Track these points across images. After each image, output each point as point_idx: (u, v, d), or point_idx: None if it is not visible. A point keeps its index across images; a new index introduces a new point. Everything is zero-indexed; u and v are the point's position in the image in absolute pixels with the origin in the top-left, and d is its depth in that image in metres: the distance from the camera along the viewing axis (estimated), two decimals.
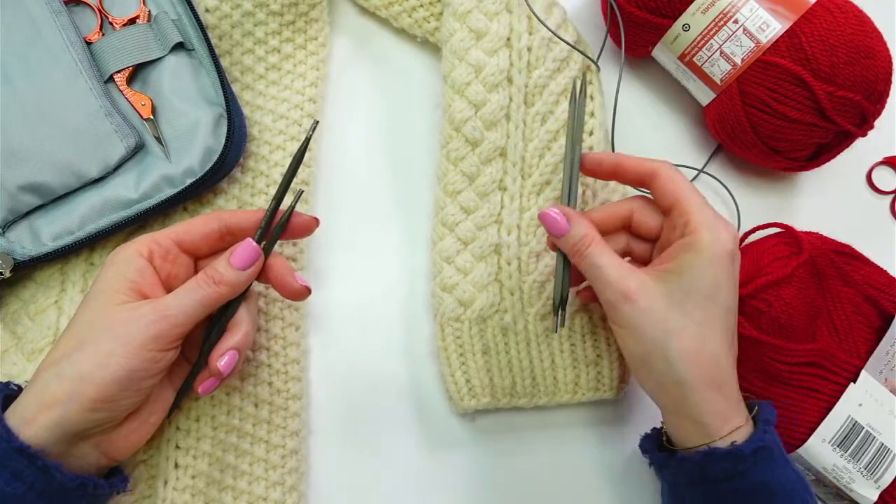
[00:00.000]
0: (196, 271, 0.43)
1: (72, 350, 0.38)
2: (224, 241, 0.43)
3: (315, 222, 0.45)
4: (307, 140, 0.43)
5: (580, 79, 0.48)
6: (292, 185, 0.44)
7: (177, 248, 0.42)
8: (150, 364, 0.38)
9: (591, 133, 0.52)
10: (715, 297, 0.40)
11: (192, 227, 0.42)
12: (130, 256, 0.40)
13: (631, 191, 0.55)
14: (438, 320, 0.49)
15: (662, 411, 0.43)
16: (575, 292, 0.49)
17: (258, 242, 0.42)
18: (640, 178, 0.44)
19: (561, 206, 0.44)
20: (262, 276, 0.43)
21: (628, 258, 0.46)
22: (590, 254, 0.42)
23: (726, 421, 0.40)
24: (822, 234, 0.53)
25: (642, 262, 0.46)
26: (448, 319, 0.49)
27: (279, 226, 0.43)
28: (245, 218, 0.43)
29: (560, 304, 0.46)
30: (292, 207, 0.43)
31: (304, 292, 0.43)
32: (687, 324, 0.40)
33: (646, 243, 0.46)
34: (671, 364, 0.40)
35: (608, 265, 0.41)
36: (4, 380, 0.45)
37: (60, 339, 0.39)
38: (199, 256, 0.43)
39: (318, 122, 0.43)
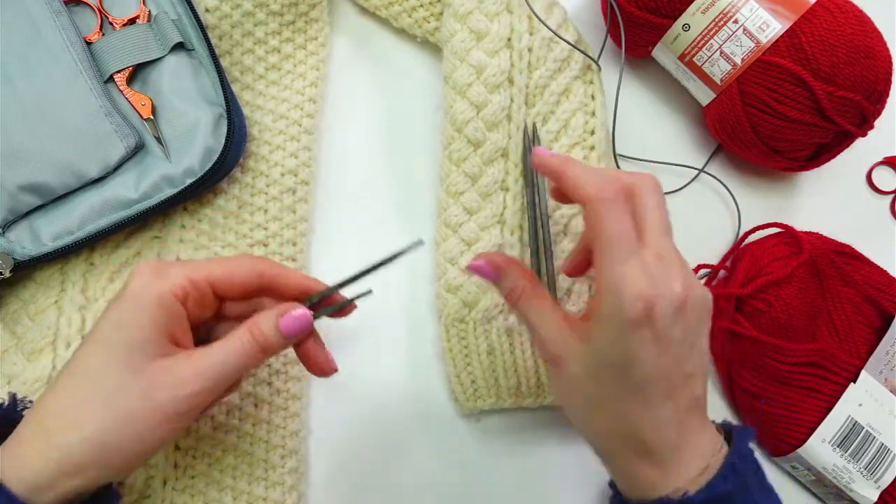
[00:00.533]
0: (219, 312, 0.39)
1: (100, 411, 0.33)
2: (261, 293, 0.39)
3: (353, 308, 0.42)
4: (400, 253, 0.39)
5: (532, 127, 0.50)
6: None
7: (212, 293, 0.38)
8: (180, 433, 0.36)
9: (592, 133, 0.52)
10: (627, 371, 0.35)
11: (232, 274, 0.38)
12: (166, 300, 0.35)
13: None
14: (443, 321, 0.49)
15: None
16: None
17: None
18: (576, 199, 0.38)
19: (492, 255, 0.41)
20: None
21: None
22: (522, 307, 0.39)
23: (656, 487, 0.36)
24: (822, 234, 0.53)
25: None
26: (453, 321, 0.49)
27: (334, 308, 0.40)
28: (289, 282, 0.39)
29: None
30: (352, 300, 0.40)
31: (331, 372, 0.40)
32: (603, 398, 0.36)
33: None
34: (591, 436, 0.38)
35: (539, 324, 0.38)
36: (4, 379, 0.45)
37: (80, 388, 0.34)
38: (226, 299, 0.39)
39: (422, 241, 0.39)
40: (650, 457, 0.36)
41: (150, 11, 0.49)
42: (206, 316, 0.39)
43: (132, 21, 0.49)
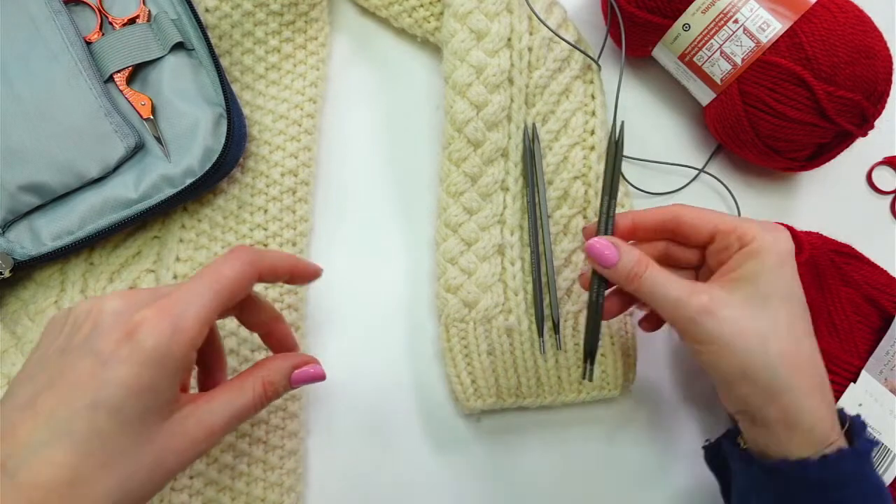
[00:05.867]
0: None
1: (114, 484, 0.30)
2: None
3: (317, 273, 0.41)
4: None
5: (532, 128, 0.50)
6: None
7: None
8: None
9: (592, 132, 0.52)
10: (791, 297, 0.39)
11: (234, 296, 0.35)
12: (187, 357, 0.32)
13: (631, 188, 0.55)
14: (443, 321, 0.49)
15: (762, 425, 0.39)
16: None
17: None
18: (662, 226, 0.42)
19: (606, 237, 0.41)
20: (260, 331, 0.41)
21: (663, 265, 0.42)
22: (648, 277, 0.39)
23: (833, 426, 0.38)
24: (822, 234, 0.53)
25: (683, 267, 0.45)
26: (453, 320, 0.49)
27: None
28: (277, 267, 0.38)
29: (589, 356, 0.44)
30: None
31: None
32: (777, 327, 0.38)
33: (688, 249, 0.44)
34: (775, 370, 0.37)
35: (672, 284, 0.39)
36: (4, 379, 0.45)
37: (88, 460, 0.30)
38: None
39: None
40: (824, 392, 0.38)
41: (149, 11, 0.49)
42: None
43: (132, 21, 0.49)
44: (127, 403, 0.31)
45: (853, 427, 0.39)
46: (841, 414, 0.40)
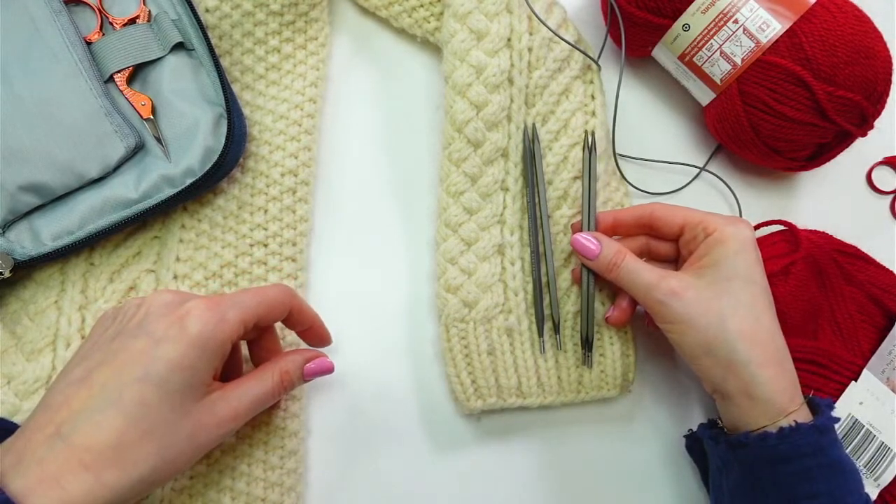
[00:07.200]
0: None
1: (154, 453, 0.34)
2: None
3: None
4: None
5: (532, 128, 0.50)
6: None
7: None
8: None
9: (592, 132, 0.52)
10: (752, 278, 0.43)
11: (272, 312, 0.41)
12: (226, 346, 0.37)
13: (631, 188, 0.55)
14: (443, 321, 0.49)
15: (727, 398, 0.42)
16: (603, 317, 0.50)
17: None
18: (639, 222, 0.48)
19: (588, 232, 0.47)
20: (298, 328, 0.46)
21: (644, 258, 0.48)
22: (625, 265, 0.45)
23: (792, 398, 0.41)
24: (827, 234, 0.53)
25: (663, 260, 0.49)
26: (453, 320, 0.49)
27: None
28: (303, 316, 0.44)
29: (587, 344, 0.49)
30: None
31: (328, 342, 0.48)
32: (737, 306, 0.42)
33: (665, 242, 0.48)
34: (733, 345, 0.41)
35: (645, 272, 0.44)
36: (4, 380, 0.45)
37: (132, 427, 0.34)
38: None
39: None
40: (783, 364, 0.42)
41: (150, 11, 0.49)
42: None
43: (132, 21, 0.49)
44: (172, 378, 0.35)
45: (816, 405, 0.42)
46: (810, 399, 0.43)
